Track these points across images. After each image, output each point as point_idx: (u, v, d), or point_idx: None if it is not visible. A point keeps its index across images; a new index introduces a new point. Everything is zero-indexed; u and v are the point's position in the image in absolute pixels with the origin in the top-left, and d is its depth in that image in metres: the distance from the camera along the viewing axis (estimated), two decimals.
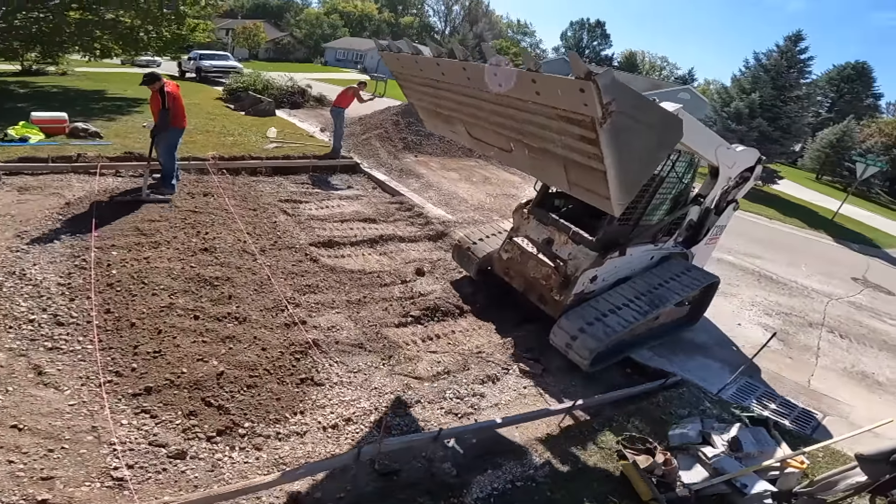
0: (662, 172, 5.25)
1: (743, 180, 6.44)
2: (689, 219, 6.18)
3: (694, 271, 6.14)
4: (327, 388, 4.36)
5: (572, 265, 5.34)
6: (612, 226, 5.23)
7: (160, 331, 4.59)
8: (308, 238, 7.17)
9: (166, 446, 3.44)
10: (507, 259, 6.05)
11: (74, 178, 7.88)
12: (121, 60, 25.13)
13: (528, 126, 3.50)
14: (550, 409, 4.30)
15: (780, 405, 5.32)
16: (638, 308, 5.22)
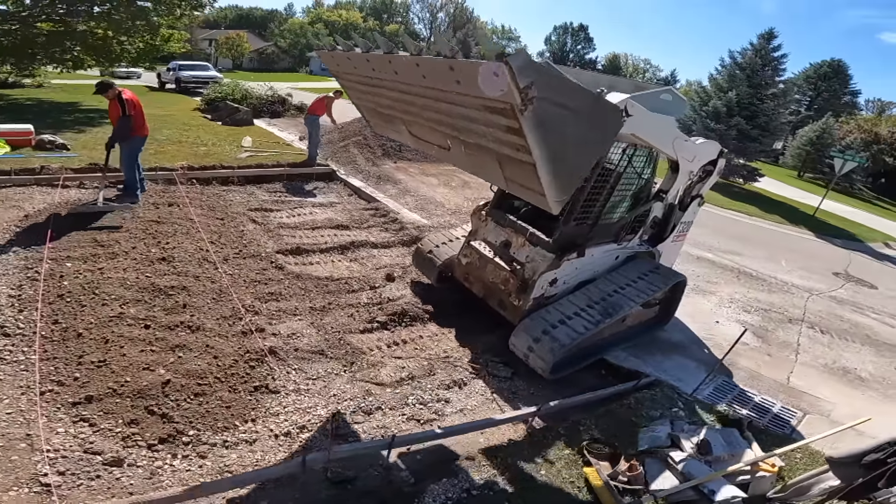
0: (619, 168, 5.09)
1: (706, 174, 6.32)
2: (652, 216, 6.04)
3: (653, 274, 5.86)
4: (283, 396, 4.17)
5: (530, 268, 5.13)
6: (569, 226, 5.02)
7: (107, 340, 4.38)
8: (276, 246, 6.99)
9: (102, 454, 3.28)
10: (467, 264, 5.84)
11: (36, 191, 7.67)
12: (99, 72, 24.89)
13: (459, 120, 3.32)
14: (495, 418, 4.09)
15: (758, 404, 5.18)
16: (590, 318, 4.99)
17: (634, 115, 4.36)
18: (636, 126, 4.50)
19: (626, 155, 5.08)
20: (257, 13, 78.35)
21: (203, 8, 16.19)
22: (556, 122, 2.76)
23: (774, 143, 26.02)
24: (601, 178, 4.97)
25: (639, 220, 5.92)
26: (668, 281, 5.87)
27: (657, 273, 5.87)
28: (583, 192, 4.81)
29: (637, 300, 5.34)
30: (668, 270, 6.13)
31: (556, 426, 4.10)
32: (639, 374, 5.24)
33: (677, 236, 6.63)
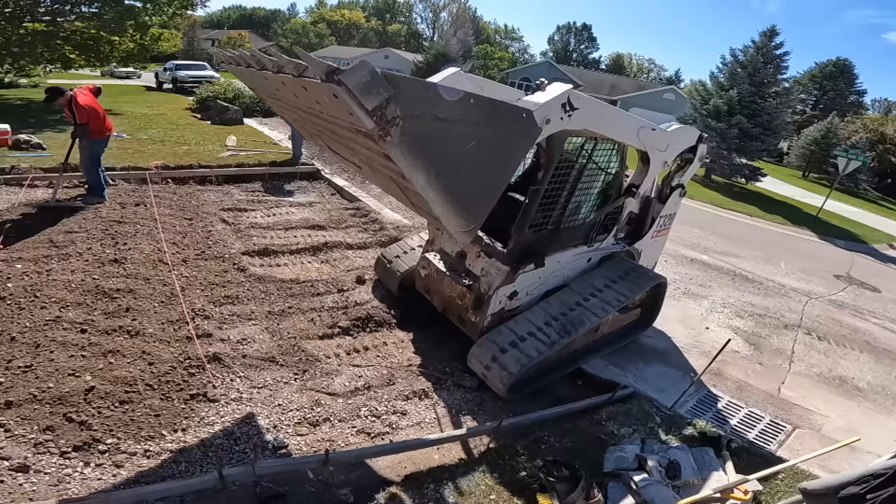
0: (578, 165, 4.67)
1: (685, 162, 5.93)
2: (627, 212, 5.63)
3: (625, 280, 5.35)
4: (221, 405, 3.85)
5: (485, 283, 4.70)
6: (524, 234, 4.55)
7: (38, 345, 4.08)
8: (242, 247, 6.68)
9: (9, 459, 3.03)
10: (426, 276, 5.44)
11: (3, 190, 7.42)
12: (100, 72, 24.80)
13: (347, 142, 2.96)
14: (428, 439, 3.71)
15: (744, 418, 4.81)
16: (545, 338, 4.53)
17: (582, 108, 3.93)
18: (586, 119, 4.07)
19: (585, 150, 4.65)
20: (260, 13, 78.57)
21: (194, 8, 16.00)
22: (438, 141, 2.35)
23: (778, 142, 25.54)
24: (557, 179, 4.53)
25: (611, 217, 5.50)
26: (642, 286, 5.41)
27: (629, 277, 5.40)
28: (535, 197, 4.41)
29: (602, 313, 4.89)
30: (643, 273, 5.62)
31: (516, 443, 3.74)
32: (615, 385, 4.88)
33: (658, 231, 6.20)
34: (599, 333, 5.31)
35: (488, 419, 4.19)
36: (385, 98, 2.08)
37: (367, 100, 2.05)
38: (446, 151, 2.42)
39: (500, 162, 2.63)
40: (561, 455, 3.61)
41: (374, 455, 3.40)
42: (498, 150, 2.56)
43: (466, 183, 2.59)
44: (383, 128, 2.16)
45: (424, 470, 3.42)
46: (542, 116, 3.57)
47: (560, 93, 3.73)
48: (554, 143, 4.19)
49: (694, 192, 18.55)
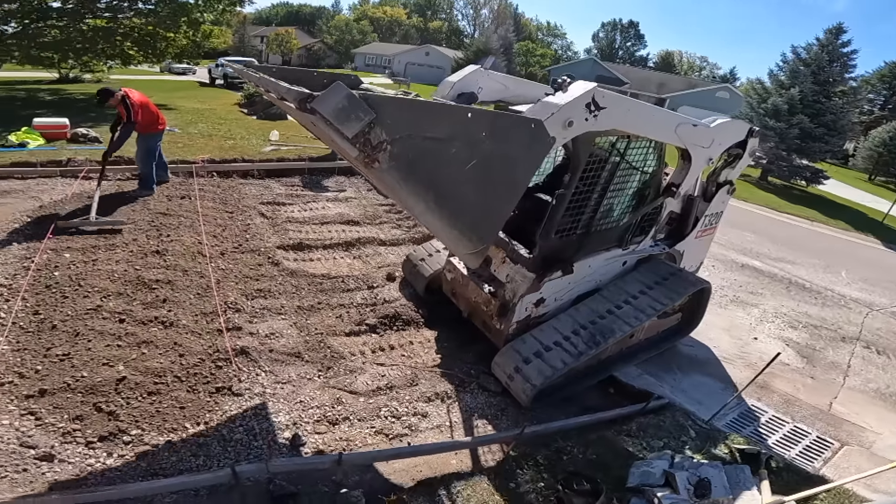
0: (610, 165, 4.39)
1: (734, 158, 5.54)
2: (667, 211, 5.30)
3: (662, 286, 5.02)
4: (245, 400, 3.91)
5: (510, 290, 4.52)
6: (549, 241, 4.35)
7: (78, 333, 4.27)
8: (278, 241, 6.80)
9: (36, 448, 3.13)
10: (451, 280, 5.32)
11: (60, 182, 7.85)
12: (159, 68, 26.02)
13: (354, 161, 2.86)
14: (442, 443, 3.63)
15: (788, 434, 4.49)
16: (571, 348, 4.32)
17: (609, 107, 3.66)
18: (615, 119, 3.80)
19: (617, 149, 4.38)
20: (306, 10, 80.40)
21: (243, 4, 16.49)
22: (433, 163, 2.17)
23: (843, 143, 23.92)
24: (586, 181, 4.29)
25: (649, 218, 5.21)
26: (680, 292, 5.06)
27: (667, 283, 5.09)
28: (562, 201, 4.19)
29: (635, 322, 4.64)
30: (683, 278, 5.25)
31: (536, 452, 3.61)
32: (648, 395, 4.65)
33: (703, 231, 5.82)
34: (634, 340, 5.07)
35: (510, 425, 4.08)
36: (366, 122, 1.94)
37: (347, 127, 1.92)
38: (444, 173, 2.23)
39: (509, 180, 2.41)
40: (583, 467, 3.46)
41: (388, 458, 3.36)
42: (505, 167, 2.35)
43: (470, 205, 2.40)
44: (369, 154, 2.03)
45: (439, 476, 3.35)
46: (563, 119, 3.38)
47: (583, 92, 3.48)
48: (580, 145, 3.98)
49: (748, 194, 17.60)
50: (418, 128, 2.09)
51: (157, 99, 14.93)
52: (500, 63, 32.84)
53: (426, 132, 2.11)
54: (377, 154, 2.03)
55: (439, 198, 2.31)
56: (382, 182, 2.23)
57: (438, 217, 2.39)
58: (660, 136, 4.53)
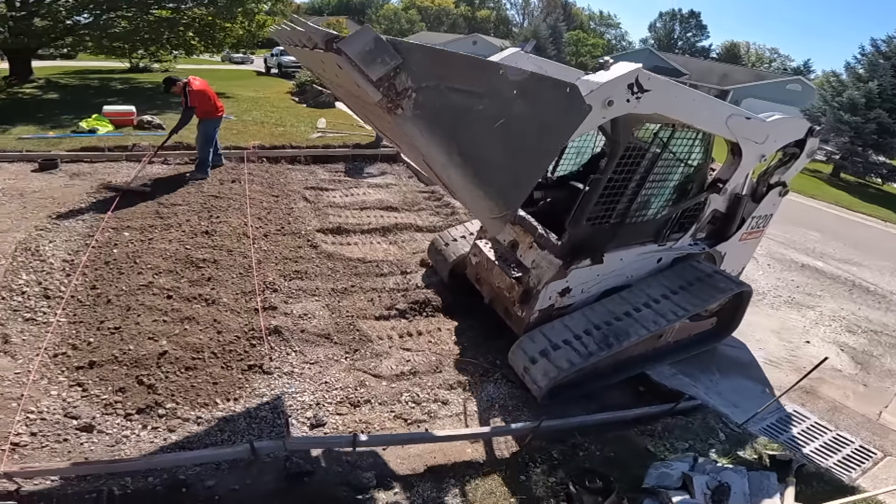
0: (651, 155, 4.18)
1: (789, 157, 5.14)
2: (710, 209, 5.00)
3: (691, 289, 4.72)
4: (273, 378, 4.10)
5: (535, 276, 4.42)
6: (580, 227, 4.20)
7: (129, 308, 4.62)
8: (318, 224, 7.03)
9: (78, 418, 3.41)
10: (476, 264, 5.25)
11: (125, 166, 8.43)
12: (220, 58, 27.21)
13: (379, 119, 2.80)
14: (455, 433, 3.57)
15: (828, 442, 4.23)
16: (581, 348, 4.14)
17: (654, 91, 3.46)
18: (660, 103, 3.59)
19: (660, 138, 4.15)
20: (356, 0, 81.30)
21: None
22: (458, 117, 2.11)
23: None
24: (624, 169, 4.10)
25: (690, 215, 4.94)
26: (708, 299, 4.71)
27: (696, 288, 4.77)
28: (596, 186, 4.03)
29: (654, 326, 4.38)
30: (716, 283, 4.85)
31: (552, 447, 3.58)
32: (679, 395, 4.49)
33: (749, 233, 5.47)
34: (662, 341, 4.86)
35: (530, 418, 4.06)
36: (392, 67, 1.93)
37: (372, 70, 1.91)
38: (469, 129, 2.17)
39: (538, 145, 2.27)
40: (598, 465, 3.40)
41: (402, 443, 3.44)
42: (535, 131, 2.22)
43: (496, 166, 2.31)
44: (392, 100, 2.01)
45: (450, 464, 3.40)
46: (602, 97, 3.26)
47: (626, 72, 3.33)
48: (620, 128, 3.83)
49: (817, 191, 16.42)
50: (446, 78, 2.05)
51: (217, 87, 15.61)
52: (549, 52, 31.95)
53: (454, 84, 2.06)
54: (401, 100, 2.02)
55: (463, 153, 2.25)
56: (403, 131, 2.16)
57: (461, 174, 2.33)
58: (708, 127, 4.24)
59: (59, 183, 7.41)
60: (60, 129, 9.98)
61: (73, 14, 14.45)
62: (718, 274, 4.95)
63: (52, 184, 7.34)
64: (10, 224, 5.90)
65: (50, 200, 6.72)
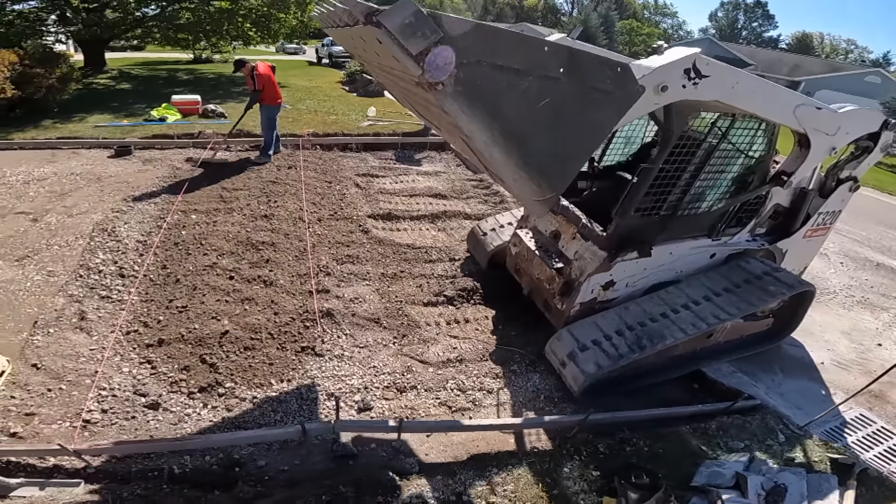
0: (708, 145, 3.96)
1: (862, 151, 4.76)
2: (772, 204, 4.69)
3: (742, 290, 4.42)
4: (325, 360, 4.26)
5: (577, 267, 4.29)
6: (628, 218, 4.03)
7: (195, 287, 4.90)
8: (369, 210, 7.16)
9: (146, 396, 3.64)
10: (516, 254, 5.15)
11: (191, 152, 8.88)
12: (274, 48, 27.95)
13: (418, 98, 2.72)
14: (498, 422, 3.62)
15: (893, 447, 3.97)
16: (616, 347, 4.01)
17: (713, 76, 3.28)
18: (719, 90, 3.40)
19: (719, 128, 3.91)
20: None
21: None
22: (501, 94, 2.05)
23: None
24: (677, 159, 3.91)
25: (749, 209, 4.66)
26: (756, 302, 4.37)
27: (744, 290, 4.47)
28: (647, 176, 3.86)
29: (692, 330, 4.13)
30: (766, 285, 4.50)
31: (599, 441, 3.54)
32: (737, 394, 4.31)
33: (814, 230, 5.13)
34: (713, 341, 4.64)
35: (576, 410, 4.01)
36: (433, 41, 1.88)
37: (411, 43, 1.86)
38: (514, 107, 2.11)
39: (585, 126, 2.20)
40: (646, 461, 3.32)
41: (445, 430, 3.50)
42: (582, 111, 2.16)
43: (541, 146, 2.25)
44: (432, 78, 1.96)
45: (493, 453, 3.43)
46: (656, 82, 3.12)
47: (682, 56, 3.18)
48: (673, 116, 3.66)
49: (894, 187, 15.11)
50: (489, 55, 1.99)
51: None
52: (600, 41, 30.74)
53: (497, 60, 2.00)
54: (441, 77, 1.98)
55: (506, 133, 2.19)
56: (444, 108, 2.11)
57: (504, 154, 2.27)
58: (774, 116, 3.98)
59: (133, 168, 7.91)
60: (133, 117, 10.63)
61: (141, 6, 15.28)
62: (769, 275, 4.61)
63: (127, 169, 7.85)
64: (88, 206, 6.37)
65: (125, 185, 7.19)
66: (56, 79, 10.43)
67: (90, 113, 10.69)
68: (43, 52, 11.05)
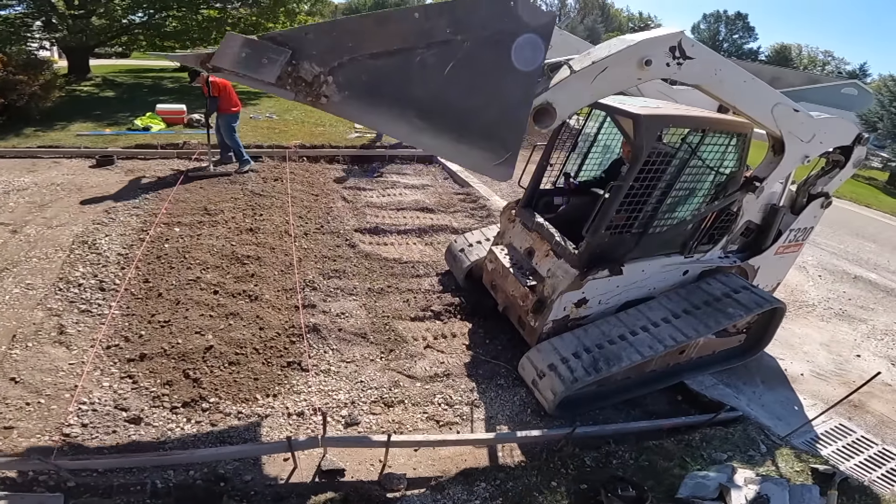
0: (679, 160, 3.95)
1: (834, 165, 4.82)
2: (743, 220, 4.71)
3: (691, 316, 4.37)
4: (311, 375, 4.22)
5: (549, 285, 4.29)
6: (599, 235, 4.03)
7: (178, 302, 4.84)
8: (356, 224, 7.16)
9: (127, 410, 3.58)
10: (492, 270, 5.14)
11: (176, 162, 8.80)
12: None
13: None
14: (486, 437, 3.61)
15: (873, 456, 4.09)
16: (567, 373, 3.95)
17: (698, 59, 3.29)
18: (702, 75, 3.39)
19: (688, 143, 3.90)
20: (391, 1, 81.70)
21: None
22: (396, 79, 1.95)
23: None
24: (648, 175, 3.91)
25: (721, 225, 4.63)
26: (714, 324, 4.32)
27: (704, 311, 4.41)
28: (617, 194, 3.87)
29: (649, 352, 4.06)
30: (726, 306, 4.43)
31: (585, 454, 3.56)
32: (720, 406, 4.38)
33: (786, 247, 5.15)
34: (685, 357, 4.64)
35: (564, 424, 4.04)
36: (284, 62, 1.78)
37: (263, 73, 1.79)
38: (417, 87, 1.98)
39: (509, 75, 2.03)
40: (633, 474, 3.35)
41: (434, 445, 3.49)
42: (497, 61, 2.00)
43: (470, 112, 2.10)
44: (309, 93, 1.87)
45: (481, 467, 3.42)
46: (640, 55, 3.14)
47: (668, 33, 3.20)
48: (643, 132, 3.66)
49: (873, 200, 15.60)
50: (358, 48, 1.87)
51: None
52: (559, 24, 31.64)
53: (370, 49, 1.88)
54: (319, 90, 1.86)
55: (424, 115, 2.05)
56: (344, 115, 2.03)
57: (433, 136, 2.14)
58: (753, 112, 3.95)
59: (115, 179, 7.81)
60: (116, 126, 10.52)
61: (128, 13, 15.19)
62: (729, 297, 4.54)
63: (109, 179, 7.75)
64: (68, 217, 6.27)
65: (106, 196, 7.09)
66: (39, 86, 10.27)
67: (72, 121, 10.54)
68: (27, 59, 10.90)
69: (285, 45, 1.80)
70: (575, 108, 3.29)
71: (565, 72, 3.07)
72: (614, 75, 3.16)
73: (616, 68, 3.15)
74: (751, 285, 4.78)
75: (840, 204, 14.24)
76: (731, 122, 4.09)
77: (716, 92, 3.62)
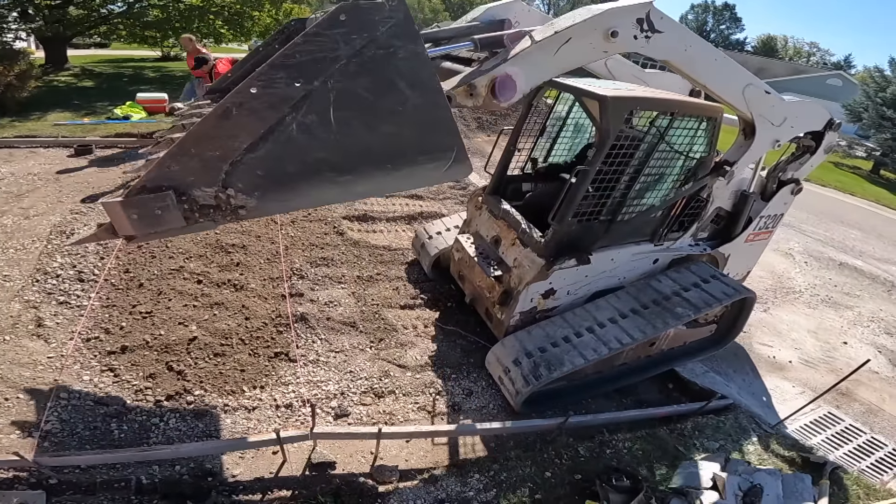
0: (643, 144, 3.81)
1: (804, 151, 4.75)
2: (713, 207, 4.61)
3: (639, 316, 4.15)
4: (299, 366, 4.13)
5: (516, 275, 4.10)
6: (566, 223, 3.84)
7: (161, 292, 4.69)
8: (344, 211, 7.02)
9: (108, 405, 3.44)
10: (458, 260, 4.97)
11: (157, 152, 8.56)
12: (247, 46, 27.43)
13: None
14: (478, 427, 3.51)
15: (862, 445, 4.11)
16: (510, 383, 3.86)
17: (667, 33, 3.17)
18: (671, 51, 3.28)
19: (657, 127, 3.76)
20: None
21: None
22: (287, 155, 1.81)
23: None
24: (615, 160, 3.74)
25: (690, 213, 4.50)
26: (668, 322, 4.10)
27: (656, 310, 4.21)
28: (584, 179, 3.71)
29: (592, 355, 3.81)
30: (676, 306, 4.23)
31: (579, 444, 3.52)
32: (711, 394, 4.37)
33: (756, 234, 5.05)
34: (656, 349, 4.55)
35: (557, 413, 3.99)
36: (174, 203, 1.70)
37: (170, 222, 1.74)
38: (316, 147, 1.83)
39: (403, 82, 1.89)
40: (627, 463, 3.33)
41: (425, 436, 3.42)
42: (380, 76, 1.84)
43: (385, 140, 1.95)
44: (225, 216, 1.75)
45: (474, 458, 3.37)
46: (606, 26, 3.00)
47: (635, 3, 3.05)
48: (609, 114, 3.52)
49: (857, 188, 15.81)
50: (229, 150, 1.74)
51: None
52: None
53: (242, 145, 1.75)
54: (230, 206, 1.74)
55: (344, 168, 1.92)
56: (272, 213, 1.96)
57: (368, 180, 2.01)
58: (723, 92, 3.82)
59: (93, 168, 7.57)
60: (95, 115, 10.20)
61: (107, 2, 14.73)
62: (678, 295, 4.34)
63: (87, 169, 7.51)
64: (45, 207, 6.06)
65: (85, 185, 6.87)
66: (15, 76, 9.93)
67: (50, 111, 10.21)
68: (2, 49, 10.52)
69: (160, 188, 1.72)
70: (537, 81, 3.11)
71: (526, 42, 2.93)
72: (579, 46, 3.01)
73: (580, 39, 3.00)
74: (721, 273, 4.68)
75: (825, 192, 14.42)
76: (701, 106, 3.95)
77: (686, 69, 3.49)
